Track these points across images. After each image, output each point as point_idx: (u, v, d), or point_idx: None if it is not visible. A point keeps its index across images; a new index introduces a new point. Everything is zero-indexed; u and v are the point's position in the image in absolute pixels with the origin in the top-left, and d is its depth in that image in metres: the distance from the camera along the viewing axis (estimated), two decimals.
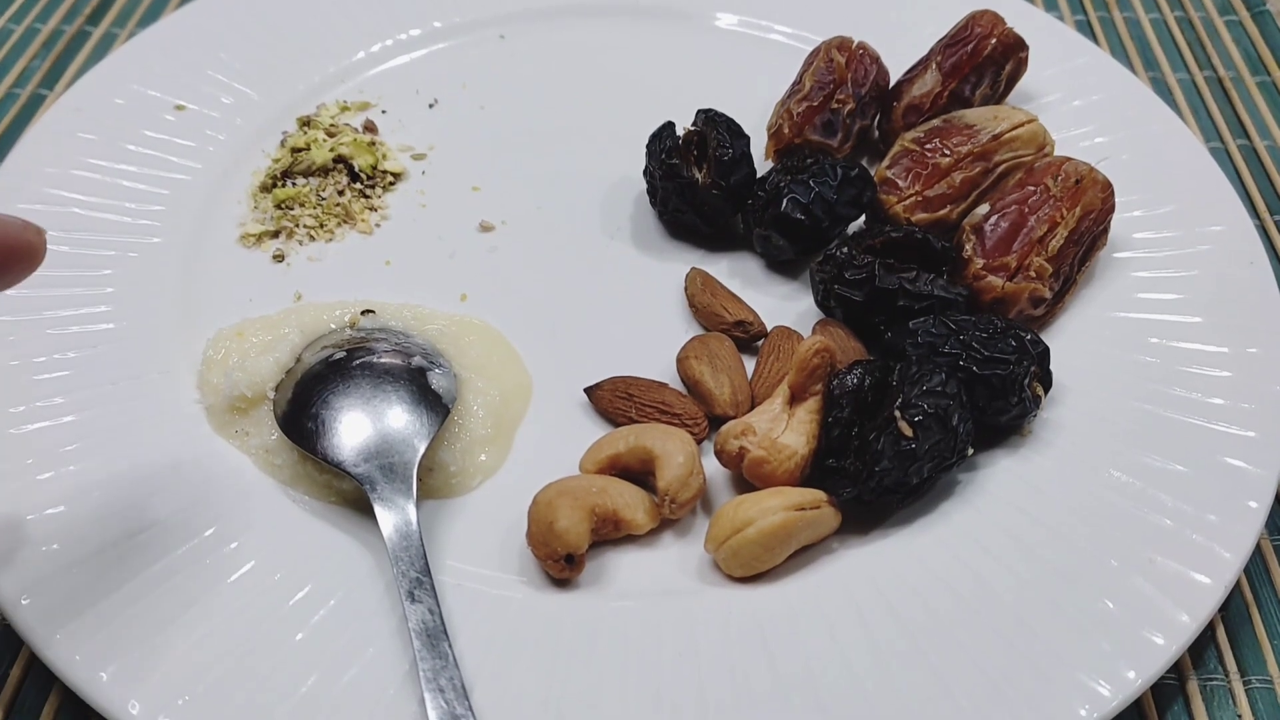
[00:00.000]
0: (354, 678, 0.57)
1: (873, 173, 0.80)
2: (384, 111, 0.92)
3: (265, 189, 0.84)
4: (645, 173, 0.83)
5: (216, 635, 0.58)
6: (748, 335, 0.74)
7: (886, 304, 0.71)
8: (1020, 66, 0.88)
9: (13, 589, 0.59)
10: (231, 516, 0.64)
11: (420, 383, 0.69)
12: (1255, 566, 0.68)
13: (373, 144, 0.88)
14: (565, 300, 0.78)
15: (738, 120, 0.81)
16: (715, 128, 0.79)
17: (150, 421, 0.68)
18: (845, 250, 0.73)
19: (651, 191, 0.83)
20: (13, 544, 0.60)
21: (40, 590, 0.59)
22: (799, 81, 0.86)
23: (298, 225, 0.82)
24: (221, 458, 0.67)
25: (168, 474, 0.65)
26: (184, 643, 0.57)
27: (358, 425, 0.66)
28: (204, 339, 0.73)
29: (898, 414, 0.62)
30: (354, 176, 0.86)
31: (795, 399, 0.66)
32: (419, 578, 0.59)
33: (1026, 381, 0.66)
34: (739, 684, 0.57)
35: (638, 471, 0.66)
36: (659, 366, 0.73)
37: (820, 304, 0.75)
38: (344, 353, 0.70)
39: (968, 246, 0.74)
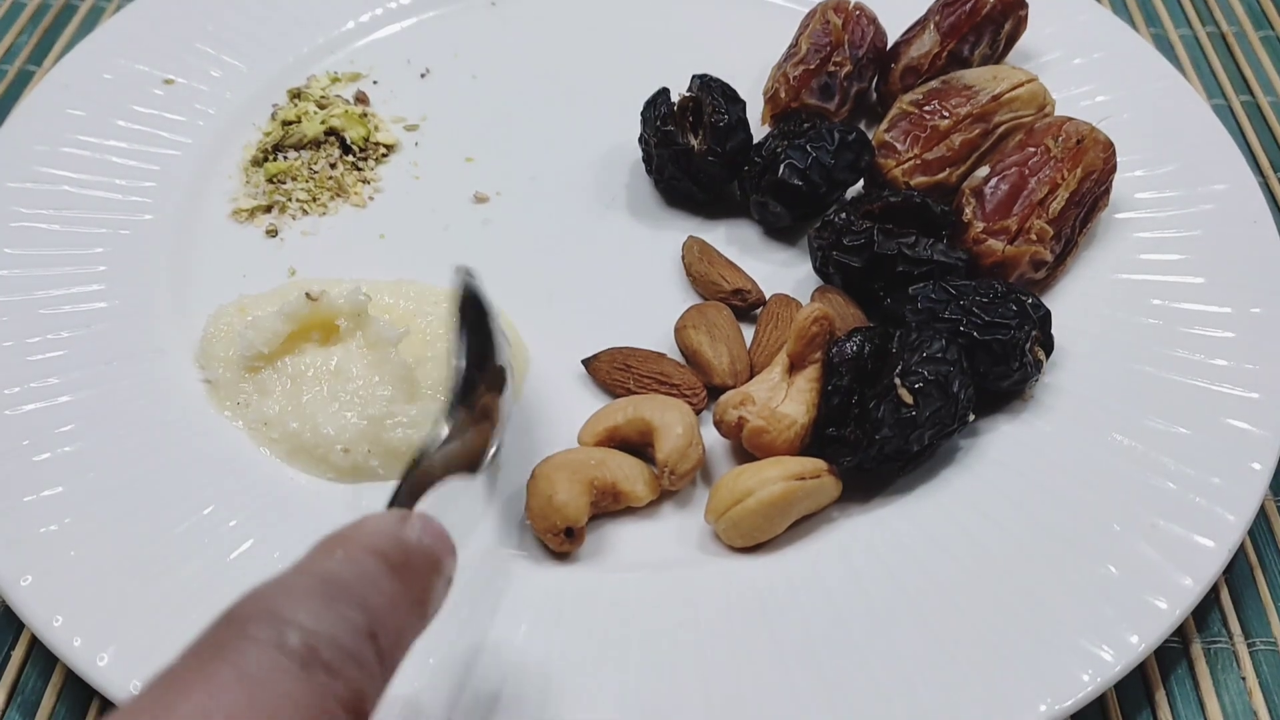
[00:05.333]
0: None
1: (871, 136, 0.79)
2: (375, 82, 0.91)
3: (257, 163, 0.84)
4: (640, 140, 0.82)
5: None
6: (746, 304, 0.74)
7: (886, 270, 0.70)
8: (1020, 25, 0.87)
9: (12, 571, 0.58)
10: (230, 494, 0.63)
11: None
12: (1259, 529, 0.67)
13: (364, 115, 0.87)
14: (561, 271, 0.78)
15: (733, 85, 0.80)
16: (710, 93, 0.78)
17: (146, 400, 0.68)
18: (843, 216, 0.72)
19: (647, 159, 0.82)
20: (11, 526, 0.60)
21: (39, 572, 0.59)
22: (795, 44, 0.85)
23: (290, 199, 0.81)
24: (219, 435, 0.67)
25: (165, 453, 0.65)
26: (184, 622, 0.57)
27: None
28: (198, 316, 0.73)
29: (898, 381, 0.62)
30: (346, 149, 0.85)
31: (794, 367, 0.66)
32: None
33: (1028, 346, 0.66)
34: (739, 654, 0.57)
35: (636, 443, 0.66)
36: (657, 336, 0.73)
37: (819, 271, 0.74)
38: None
39: (967, 210, 0.73)
